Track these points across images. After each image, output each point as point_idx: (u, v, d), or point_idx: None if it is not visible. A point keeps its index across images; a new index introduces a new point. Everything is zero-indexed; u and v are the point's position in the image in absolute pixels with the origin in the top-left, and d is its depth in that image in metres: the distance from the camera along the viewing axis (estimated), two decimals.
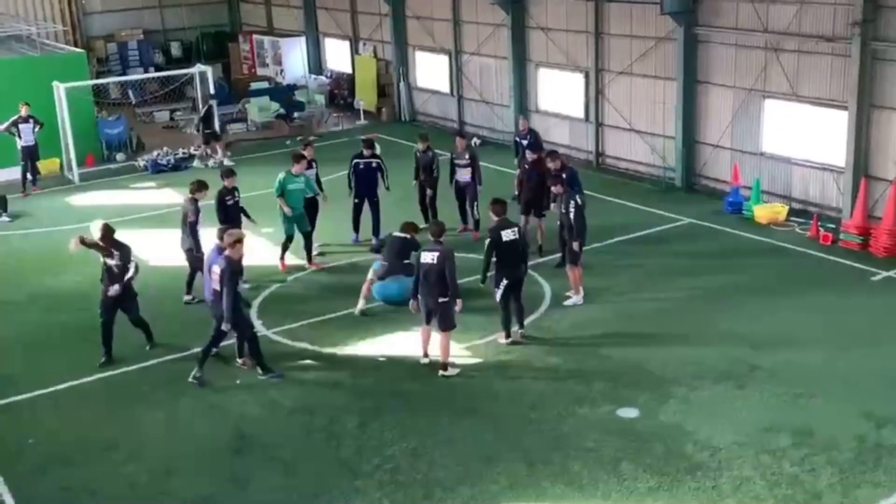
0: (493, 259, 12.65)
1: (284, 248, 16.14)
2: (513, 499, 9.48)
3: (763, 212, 17.69)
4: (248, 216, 15.41)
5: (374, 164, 17.09)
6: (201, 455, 10.58)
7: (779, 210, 17.76)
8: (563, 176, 15.11)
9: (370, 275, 14.31)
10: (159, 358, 13.04)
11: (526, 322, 13.32)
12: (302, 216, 16.01)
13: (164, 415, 11.53)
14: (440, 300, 11.93)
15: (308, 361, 12.82)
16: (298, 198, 15.94)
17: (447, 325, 12.05)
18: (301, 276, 16.02)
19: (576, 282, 14.17)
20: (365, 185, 17.04)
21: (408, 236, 14.26)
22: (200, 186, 14.60)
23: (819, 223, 16.78)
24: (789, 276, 15.13)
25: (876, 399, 10.97)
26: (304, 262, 16.27)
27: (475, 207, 17.31)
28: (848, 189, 16.81)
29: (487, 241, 12.74)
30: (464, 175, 17.39)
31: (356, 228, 17.34)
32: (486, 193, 17.62)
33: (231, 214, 14.99)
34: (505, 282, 12.67)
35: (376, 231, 16.92)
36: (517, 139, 19.97)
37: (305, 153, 16.71)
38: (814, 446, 10.07)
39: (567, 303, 14.15)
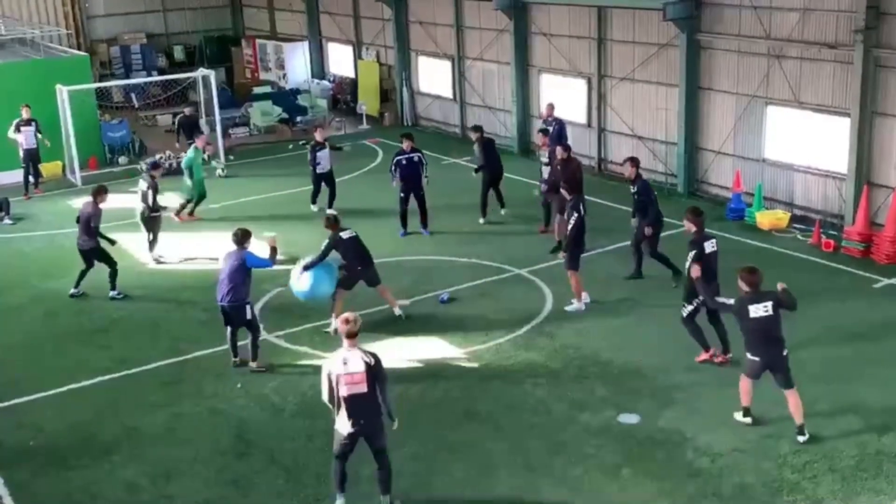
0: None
1: (184, 205, 19.43)
2: None
3: (765, 218, 17.69)
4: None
5: (415, 159, 17.69)
6: (202, 458, 10.58)
7: (781, 217, 17.76)
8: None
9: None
10: (161, 361, 13.04)
11: (527, 327, 13.32)
12: (202, 181, 19.64)
13: (164, 418, 11.53)
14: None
15: (309, 365, 12.81)
16: (199, 168, 19.64)
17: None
18: None
19: (576, 288, 14.16)
20: (410, 180, 17.66)
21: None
22: (101, 191, 15.71)
23: (821, 230, 16.77)
24: (791, 283, 14.89)
25: (877, 407, 10.96)
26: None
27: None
28: (850, 196, 16.81)
29: (692, 253, 11.80)
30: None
31: (404, 224, 17.95)
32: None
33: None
34: (700, 297, 11.81)
35: (424, 223, 17.90)
36: (544, 126, 20.03)
37: (317, 135, 19.59)
38: (815, 453, 10.06)
39: (568, 308, 14.14)
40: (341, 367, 8.84)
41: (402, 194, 17.77)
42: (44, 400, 12.16)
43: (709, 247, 12.00)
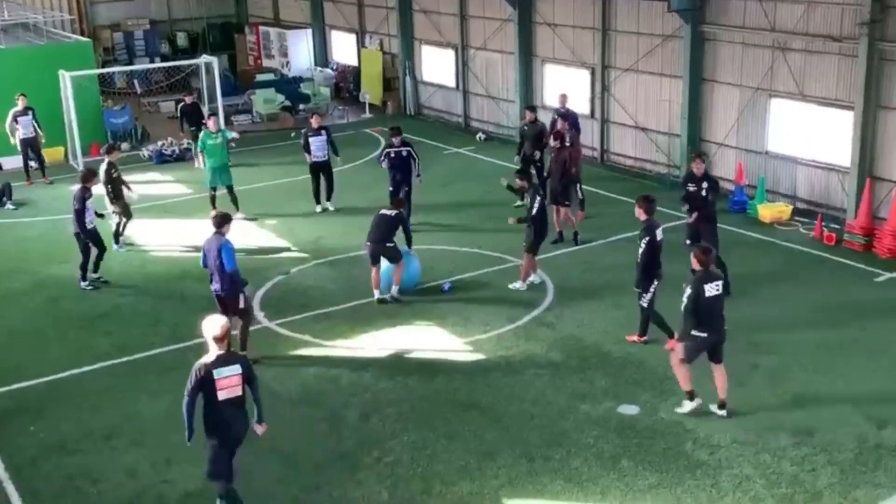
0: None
1: (212, 199, 18.34)
2: (512, 494, 9.50)
3: (767, 211, 17.68)
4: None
5: (404, 153, 17.16)
6: (202, 445, 10.56)
7: (783, 209, 17.75)
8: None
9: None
10: (162, 347, 13.06)
11: (528, 318, 13.35)
12: (224, 169, 18.33)
13: (165, 404, 11.53)
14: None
15: (309, 354, 12.84)
16: (215, 151, 18.18)
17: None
18: (304, 268, 16.04)
19: (525, 268, 14.53)
20: (399, 175, 17.16)
21: (391, 213, 14.27)
22: (90, 175, 15.59)
23: (823, 223, 16.77)
24: (792, 276, 15.13)
25: (877, 400, 10.98)
26: (305, 254, 16.33)
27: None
28: (853, 189, 16.79)
29: (644, 241, 12.11)
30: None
31: None
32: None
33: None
34: (656, 282, 12.27)
35: (407, 216, 16.62)
36: (557, 115, 20.05)
37: (313, 121, 18.73)
38: (814, 446, 10.08)
39: (511, 286, 14.50)
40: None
41: (390, 188, 17.08)
42: (45, 385, 12.18)
43: (659, 234, 12.26)
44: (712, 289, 10.43)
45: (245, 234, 17.60)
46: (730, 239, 16.91)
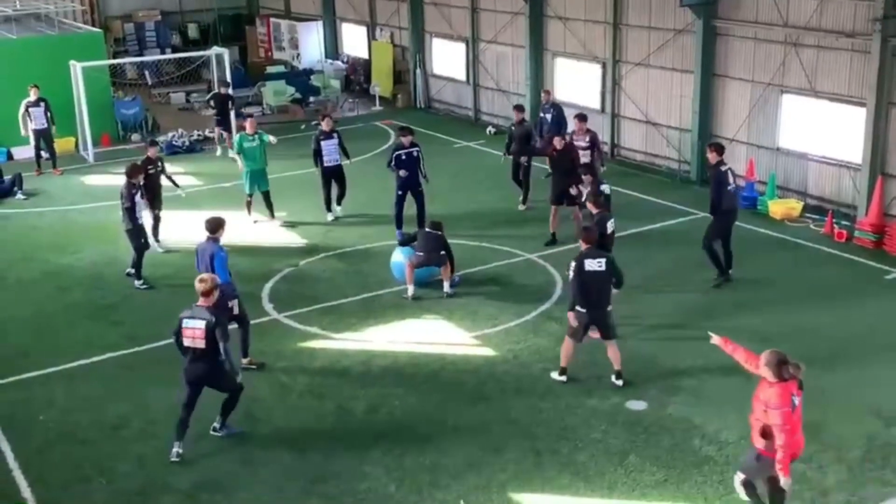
0: None
1: (248, 205, 17.79)
2: (519, 488, 9.51)
3: (778, 207, 17.62)
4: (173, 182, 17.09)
5: (415, 154, 16.49)
6: (211, 436, 10.64)
7: (793, 206, 17.69)
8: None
9: (406, 261, 14.29)
10: (172, 338, 13.03)
11: (535, 312, 13.35)
12: (262, 174, 17.61)
13: (175, 395, 11.56)
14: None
15: (318, 346, 12.86)
16: (253, 155, 17.47)
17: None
18: (313, 260, 16.06)
19: None
20: (410, 175, 16.37)
21: (440, 233, 14.34)
22: (135, 170, 15.18)
23: (834, 220, 16.71)
24: (802, 273, 15.08)
25: (886, 397, 10.95)
26: (313, 246, 16.36)
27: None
28: (864, 187, 16.72)
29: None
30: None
31: (399, 224, 16.56)
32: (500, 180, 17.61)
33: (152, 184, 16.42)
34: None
35: (421, 222, 16.21)
36: (541, 114, 20.35)
37: (324, 124, 17.73)
38: (822, 443, 10.05)
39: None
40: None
41: (399, 192, 16.48)
42: (54, 374, 12.24)
43: (609, 226, 12.80)
44: (594, 265, 11.11)
45: (254, 225, 17.64)
46: (740, 235, 16.85)
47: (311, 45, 32.39)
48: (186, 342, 9.95)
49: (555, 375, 11.61)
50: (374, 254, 15.67)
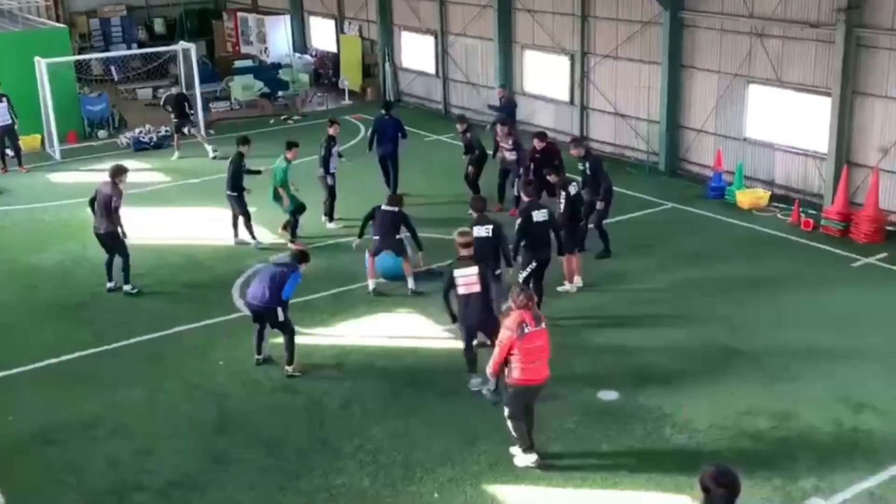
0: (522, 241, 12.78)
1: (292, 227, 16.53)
2: (493, 480, 9.55)
3: (745, 197, 17.78)
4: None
5: (392, 122, 17.63)
6: (183, 434, 10.59)
7: (761, 195, 17.86)
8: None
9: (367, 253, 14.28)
10: (141, 336, 13.00)
11: (505, 305, 13.34)
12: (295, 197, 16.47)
13: (145, 393, 11.52)
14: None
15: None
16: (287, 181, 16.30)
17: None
18: (285, 254, 15.95)
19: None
20: (386, 146, 17.57)
21: (396, 209, 14.18)
22: (119, 171, 14.46)
23: (801, 209, 16.88)
24: (770, 262, 15.24)
25: (854, 384, 11.09)
26: (285, 241, 16.31)
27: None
28: (830, 175, 16.91)
29: (518, 221, 12.82)
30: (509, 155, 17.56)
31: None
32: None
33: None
34: (533, 263, 12.77)
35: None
36: (497, 105, 21.01)
37: (332, 130, 17.15)
38: (792, 430, 10.18)
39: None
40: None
41: (382, 169, 17.30)
42: (23, 375, 12.10)
43: (538, 216, 12.85)
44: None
45: (222, 221, 17.52)
46: (707, 224, 17.06)
47: (279, 39, 32.18)
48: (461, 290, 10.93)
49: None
50: (345, 248, 15.61)
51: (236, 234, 16.47)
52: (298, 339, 11.98)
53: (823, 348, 12.08)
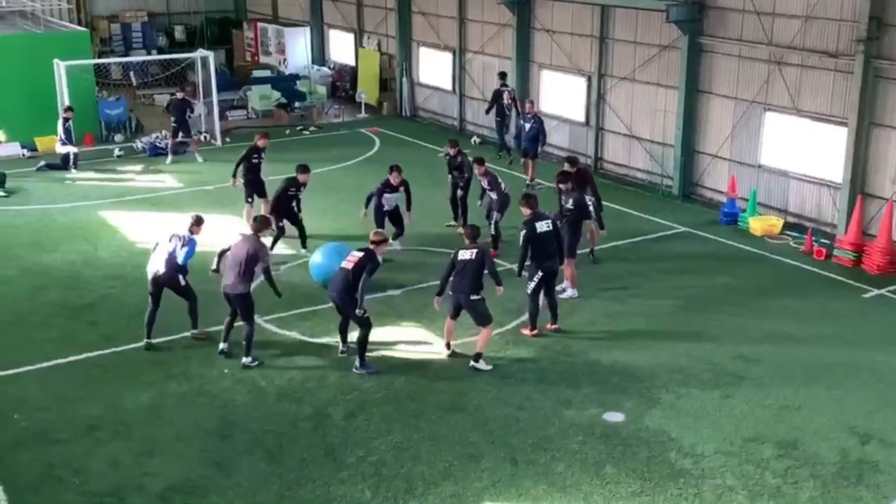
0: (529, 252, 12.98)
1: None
2: (495, 497, 9.50)
3: (758, 224, 17.73)
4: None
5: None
6: (186, 438, 10.58)
7: (774, 223, 17.80)
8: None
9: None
10: (147, 340, 12.98)
11: (515, 322, 13.37)
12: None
13: (151, 397, 11.52)
14: (472, 297, 12.15)
15: (297, 351, 12.80)
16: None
17: (485, 321, 12.29)
18: (293, 265, 16.00)
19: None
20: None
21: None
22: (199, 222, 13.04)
23: (813, 238, 16.82)
24: (782, 290, 15.17)
25: (862, 415, 11.01)
26: (294, 251, 16.32)
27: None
28: (844, 205, 16.85)
29: (522, 233, 12.97)
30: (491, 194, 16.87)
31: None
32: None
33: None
34: (540, 274, 12.90)
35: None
36: (521, 122, 21.08)
37: (392, 178, 16.20)
38: (797, 459, 10.10)
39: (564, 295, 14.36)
40: None
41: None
42: (29, 374, 12.12)
43: (541, 226, 12.99)
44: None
45: (232, 230, 17.54)
46: (720, 251, 17.01)
47: (297, 50, 32.35)
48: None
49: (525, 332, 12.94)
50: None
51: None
52: (306, 349, 11.98)
53: (832, 378, 12.00)
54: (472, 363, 12.18)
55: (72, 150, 21.76)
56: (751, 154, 18.82)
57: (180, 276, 12.62)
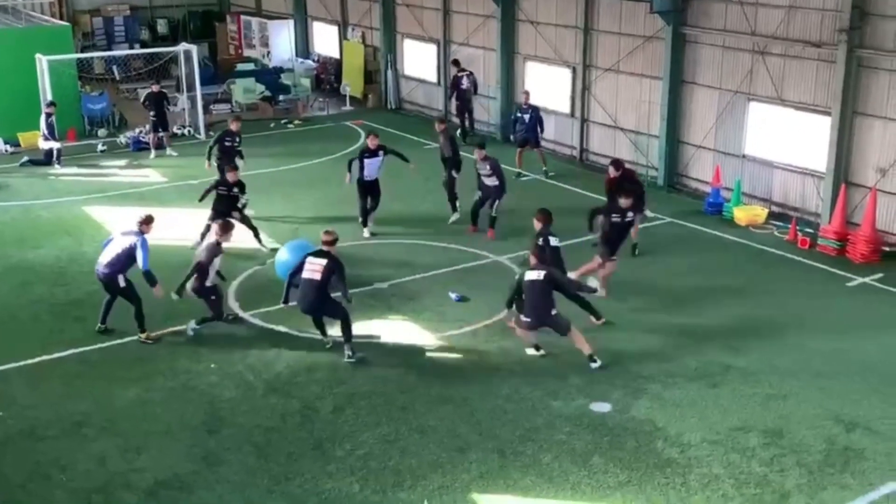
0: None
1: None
2: (483, 488, 9.53)
3: (742, 213, 17.80)
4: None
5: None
6: (174, 434, 10.57)
7: (758, 212, 17.88)
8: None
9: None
10: (135, 335, 12.95)
11: (503, 314, 13.40)
12: None
13: (137, 392, 11.49)
14: (552, 313, 12.12)
15: (284, 344, 12.78)
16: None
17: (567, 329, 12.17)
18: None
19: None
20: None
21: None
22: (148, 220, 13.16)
23: (798, 227, 16.90)
24: (766, 279, 15.25)
25: (847, 402, 11.09)
26: (281, 245, 16.27)
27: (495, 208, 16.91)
28: (828, 194, 16.94)
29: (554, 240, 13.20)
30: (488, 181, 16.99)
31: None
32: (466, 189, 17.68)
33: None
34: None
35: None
36: (518, 113, 21.10)
37: (370, 141, 16.88)
38: (783, 447, 10.17)
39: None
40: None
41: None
42: (15, 370, 12.08)
43: (553, 242, 13.14)
44: (532, 274, 12.16)
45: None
46: (705, 240, 17.08)
47: (281, 43, 32.21)
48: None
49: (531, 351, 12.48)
50: (343, 253, 15.57)
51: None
52: (293, 343, 11.98)
53: (817, 366, 12.08)
54: (591, 364, 11.93)
55: (55, 145, 21.67)
56: (735, 144, 18.89)
57: (121, 278, 12.63)
